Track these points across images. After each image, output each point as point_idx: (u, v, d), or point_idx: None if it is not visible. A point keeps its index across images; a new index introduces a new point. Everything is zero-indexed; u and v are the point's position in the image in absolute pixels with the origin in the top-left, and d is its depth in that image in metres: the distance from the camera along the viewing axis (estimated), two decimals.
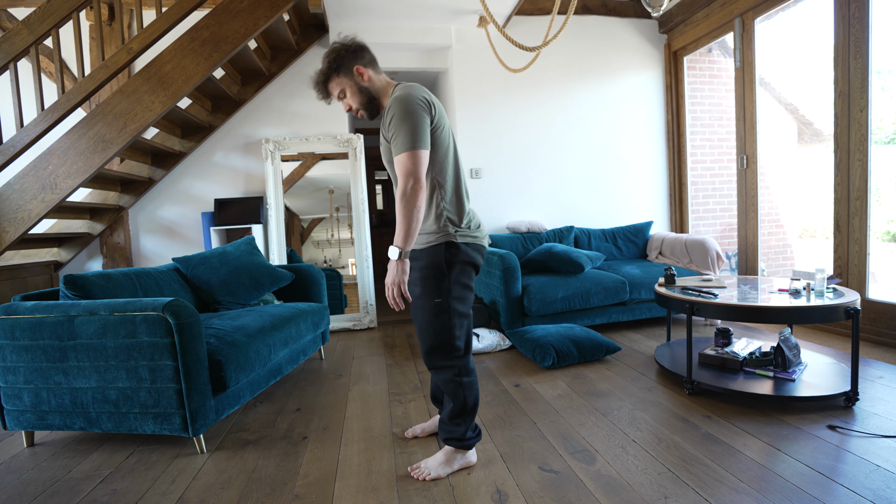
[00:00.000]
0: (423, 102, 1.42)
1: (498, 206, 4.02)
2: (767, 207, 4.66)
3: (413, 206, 1.36)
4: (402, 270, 1.41)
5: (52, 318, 1.76)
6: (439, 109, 1.48)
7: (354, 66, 1.49)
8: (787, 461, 1.54)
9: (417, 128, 1.37)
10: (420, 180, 1.37)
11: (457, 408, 1.56)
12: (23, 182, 2.68)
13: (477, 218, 1.60)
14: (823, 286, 2.02)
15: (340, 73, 1.50)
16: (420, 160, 1.37)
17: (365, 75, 1.50)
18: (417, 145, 1.37)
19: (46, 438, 2.02)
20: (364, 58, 1.52)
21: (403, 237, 1.38)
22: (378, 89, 1.53)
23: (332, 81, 1.52)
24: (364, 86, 1.51)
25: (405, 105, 1.39)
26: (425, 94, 1.46)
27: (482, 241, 1.57)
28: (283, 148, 3.66)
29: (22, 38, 2.51)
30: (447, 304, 1.50)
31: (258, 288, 2.69)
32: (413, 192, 1.36)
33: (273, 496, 1.50)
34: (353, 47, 1.50)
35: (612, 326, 3.40)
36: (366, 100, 1.52)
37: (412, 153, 1.37)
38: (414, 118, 1.38)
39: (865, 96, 2.65)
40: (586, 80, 4.13)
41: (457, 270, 1.50)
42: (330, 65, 1.50)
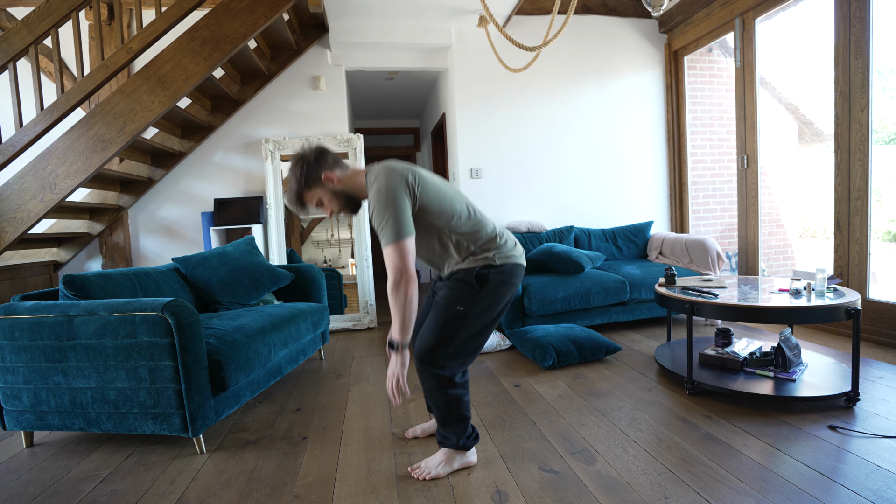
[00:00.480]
0: (398, 184, 1.40)
1: (498, 206, 4.02)
2: (768, 207, 4.66)
3: (404, 299, 1.37)
4: (402, 363, 1.42)
5: (51, 319, 1.75)
6: (417, 174, 1.46)
7: (322, 175, 1.49)
8: (788, 461, 1.54)
9: (397, 218, 1.37)
10: (408, 272, 1.37)
11: (440, 418, 1.55)
12: (22, 182, 2.67)
13: (511, 238, 1.60)
14: (824, 286, 2.02)
15: (311, 186, 1.49)
16: (405, 251, 1.37)
17: (334, 179, 1.50)
18: (400, 236, 1.37)
19: (46, 439, 2.01)
20: (328, 162, 1.50)
21: (400, 329, 1.39)
22: (352, 187, 1.52)
23: (306, 196, 1.51)
24: (337, 189, 1.51)
25: (380, 197, 1.38)
26: (399, 168, 1.44)
27: (518, 260, 1.55)
28: (282, 148, 3.65)
29: (21, 38, 2.51)
30: (465, 314, 1.47)
31: (258, 288, 2.68)
32: (403, 285, 1.37)
33: (273, 496, 1.50)
34: (313, 157, 1.49)
35: (612, 326, 3.40)
36: (343, 202, 1.53)
37: (396, 246, 1.36)
38: (392, 208, 1.37)
39: (866, 96, 2.64)
40: (586, 80, 4.13)
41: (488, 289, 1.49)
42: (298, 182, 1.49)
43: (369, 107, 6.03)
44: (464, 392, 1.54)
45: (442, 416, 1.54)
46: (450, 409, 1.52)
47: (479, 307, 1.48)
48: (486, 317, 1.51)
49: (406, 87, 5.25)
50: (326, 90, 3.81)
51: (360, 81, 4.86)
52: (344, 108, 3.85)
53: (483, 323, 1.51)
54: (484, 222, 1.55)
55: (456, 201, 1.52)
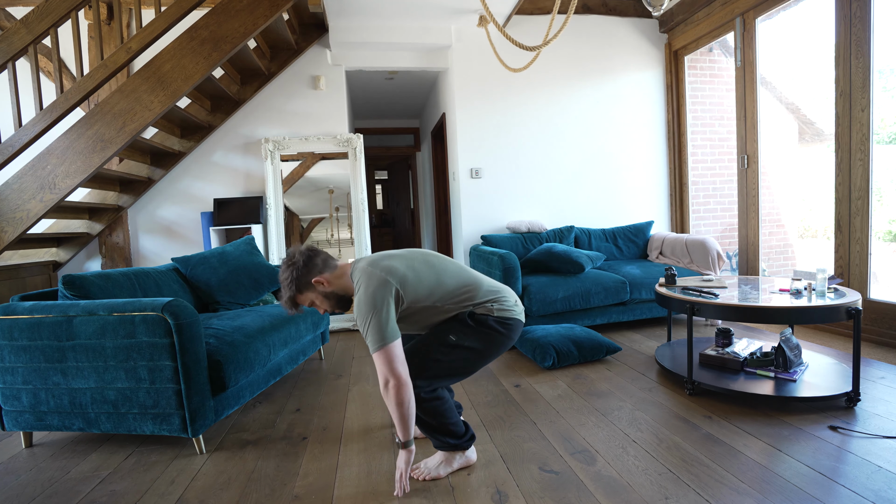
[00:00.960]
0: (377, 290, 1.41)
1: (498, 206, 4.02)
2: (768, 207, 4.65)
3: (398, 403, 1.38)
4: (406, 461, 1.46)
5: (50, 319, 1.75)
6: (396, 273, 1.46)
7: (312, 280, 1.51)
8: (788, 462, 1.53)
9: (379, 324, 1.38)
10: (396, 375, 1.38)
11: (423, 425, 1.54)
12: (21, 181, 2.67)
13: (511, 295, 1.62)
14: (825, 286, 2.01)
15: (303, 291, 1.52)
16: (391, 356, 1.38)
17: (324, 283, 1.53)
18: (384, 342, 1.38)
19: (45, 439, 2.01)
20: (317, 266, 1.52)
21: (402, 430, 1.41)
22: (343, 288, 1.55)
23: (298, 299, 1.54)
24: (328, 292, 1.54)
25: (360, 307, 1.41)
26: (377, 277, 1.43)
27: (517, 317, 1.58)
28: (282, 148, 3.65)
29: (20, 38, 2.50)
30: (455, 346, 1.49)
31: (258, 288, 2.68)
32: (395, 391, 1.38)
33: (273, 496, 1.49)
34: (301, 264, 1.51)
35: (612, 326, 3.39)
36: (334, 302, 1.56)
37: (381, 352, 1.38)
38: (374, 316, 1.39)
39: (867, 96, 2.64)
40: (587, 80, 4.12)
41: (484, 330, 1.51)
42: (289, 288, 1.51)
43: (369, 107, 6.02)
44: (439, 402, 1.52)
45: (425, 425, 1.54)
46: (429, 418, 1.52)
47: (470, 343, 1.51)
48: (472, 355, 1.53)
49: (406, 87, 5.24)
50: (326, 90, 3.80)
51: (360, 81, 4.86)
52: (344, 108, 3.84)
53: (467, 360, 1.53)
54: (479, 283, 1.57)
55: (443, 275, 1.54)
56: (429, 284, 1.50)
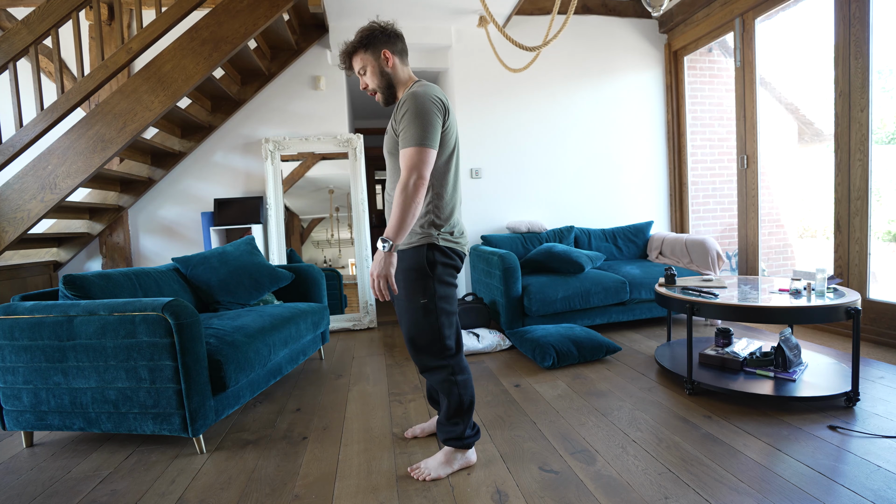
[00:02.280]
0: (438, 103, 1.43)
1: (498, 206, 4.02)
2: (768, 207, 4.66)
3: (412, 201, 1.35)
4: (390, 263, 1.38)
5: (51, 319, 1.75)
6: (452, 115, 1.50)
7: (383, 49, 1.50)
8: (788, 461, 1.54)
9: (430, 126, 1.38)
10: (424, 177, 1.37)
11: (453, 407, 1.56)
12: (22, 182, 2.67)
13: (462, 226, 1.61)
14: (824, 286, 2.02)
15: (368, 50, 1.51)
16: (427, 157, 1.38)
17: (390, 61, 1.52)
18: (427, 143, 1.37)
19: (46, 439, 2.01)
20: (396, 45, 1.53)
21: (396, 230, 1.36)
22: (398, 79, 1.54)
23: (357, 55, 1.52)
24: (386, 70, 1.52)
25: (422, 102, 1.39)
26: (441, 95, 1.47)
27: (463, 249, 1.59)
28: (282, 148, 3.65)
29: (21, 38, 2.51)
30: (433, 304, 1.50)
31: (258, 288, 2.68)
32: (415, 187, 1.36)
33: (273, 496, 1.50)
34: (388, 31, 1.52)
35: (612, 326, 3.40)
36: (384, 84, 1.53)
37: (421, 149, 1.37)
38: (428, 116, 1.38)
39: (866, 96, 2.64)
40: (586, 80, 4.13)
41: (439, 271, 1.51)
42: (360, 40, 1.51)
43: (369, 107, 6.02)
44: (470, 376, 1.59)
45: (456, 405, 1.55)
46: (463, 395, 1.54)
47: (439, 291, 1.51)
48: (447, 292, 1.54)
49: None
50: (326, 90, 3.81)
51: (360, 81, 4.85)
52: (344, 108, 3.85)
53: (448, 299, 1.54)
54: (456, 202, 1.57)
55: (453, 167, 1.54)
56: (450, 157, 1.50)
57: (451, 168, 1.53)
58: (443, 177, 1.50)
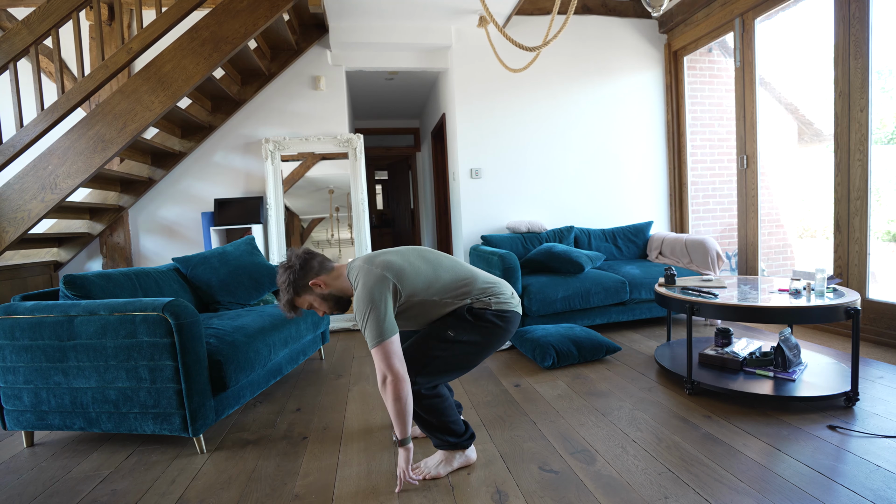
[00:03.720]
0: (375, 286, 1.42)
1: (498, 206, 4.02)
2: (767, 207, 4.66)
3: (395, 399, 1.39)
4: (406, 458, 1.46)
5: (51, 319, 1.75)
6: (395, 269, 1.47)
7: (309, 282, 1.53)
8: (788, 461, 1.54)
9: (377, 320, 1.39)
10: (394, 371, 1.38)
11: (423, 424, 1.55)
12: (23, 182, 2.67)
13: (507, 287, 1.63)
14: (823, 286, 2.02)
15: (300, 294, 1.54)
16: (388, 352, 1.39)
17: (322, 285, 1.54)
18: (384, 336, 1.39)
19: (46, 438, 2.02)
20: (313, 269, 1.54)
21: (400, 427, 1.42)
22: (339, 290, 1.56)
23: (297, 302, 1.56)
24: (325, 293, 1.55)
25: (359, 303, 1.42)
26: (375, 273, 1.44)
27: (515, 308, 1.59)
28: (283, 148, 3.66)
29: (22, 38, 2.51)
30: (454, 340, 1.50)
31: (258, 288, 2.69)
32: (392, 386, 1.38)
33: (273, 496, 1.50)
34: (298, 267, 1.52)
35: (612, 326, 3.40)
36: (332, 304, 1.58)
37: (379, 348, 1.39)
38: (372, 311, 1.40)
39: (866, 96, 2.65)
40: (586, 80, 4.13)
41: (482, 324, 1.52)
42: (287, 292, 1.54)
43: (369, 107, 6.03)
44: (439, 400, 1.53)
45: (425, 424, 1.54)
46: (429, 416, 1.52)
47: (469, 338, 1.52)
48: (472, 349, 1.53)
49: (406, 88, 5.25)
50: (326, 90, 3.81)
51: (360, 81, 4.86)
52: (344, 108, 3.85)
53: (467, 354, 1.53)
54: (475, 276, 1.59)
55: (439, 269, 1.55)
56: (425, 278, 1.51)
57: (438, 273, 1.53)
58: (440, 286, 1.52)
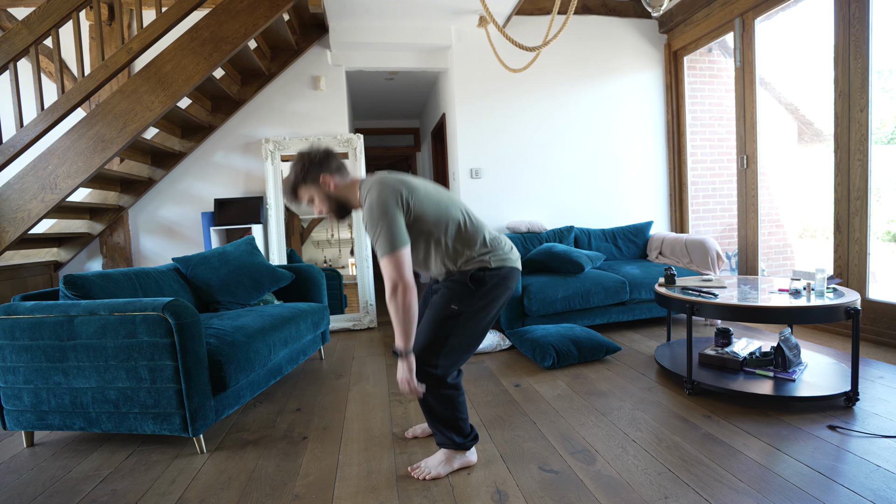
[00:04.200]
0: (389, 197, 1.42)
1: (498, 206, 4.02)
2: (767, 207, 4.66)
3: (402, 308, 1.39)
4: (409, 368, 1.44)
5: (51, 318, 1.75)
6: (409, 186, 1.48)
7: (321, 176, 1.52)
8: (788, 461, 1.54)
9: (391, 229, 1.39)
10: (404, 280, 1.39)
11: (434, 418, 1.55)
12: (23, 182, 2.68)
13: (507, 242, 1.62)
14: (823, 286, 2.02)
15: (307, 182, 1.53)
16: (400, 260, 1.39)
17: (331, 184, 1.53)
18: (395, 247, 1.38)
19: (46, 438, 2.02)
20: (330, 166, 1.54)
21: (402, 337, 1.41)
22: (346, 195, 1.56)
23: (300, 189, 1.55)
24: (331, 194, 1.54)
25: (372, 211, 1.41)
26: (393, 185, 1.45)
27: (515, 263, 1.59)
28: (283, 148, 3.66)
29: (22, 38, 2.51)
30: (460, 313, 1.49)
31: (258, 288, 2.69)
32: (401, 294, 1.38)
33: (273, 496, 1.50)
34: (318, 157, 1.53)
35: (612, 326, 3.40)
36: (334, 206, 1.56)
37: (391, 257, 1.38)
38: (384, 220, 1.39)
39: (866, 96, 2.65)
40: (586, 80, 4.13)
41: (485, 290, 1.51)
42: (297, 175, 1.53)
43: (369, 107, 6.03)
44: (457, 393, 1.54)
45: (435, 417, 1.54)
46: (442, 409, 1.52)
47: (475, 307, 1.50)
48: (482, 317, 1.53)
49: (406, 87, 5.25)
50: (326, 90, 3.81)
51: (360, 81, 4.86)
52: (344, 108, 3.85)
53: (478, 323, 1.53)
54: (480, 228, 1.58)
55: (451, 207, 1.54)
56: (437, 206, 1.50)
57: (452, 213, 1.52)
58: (448, 226, 1.51)
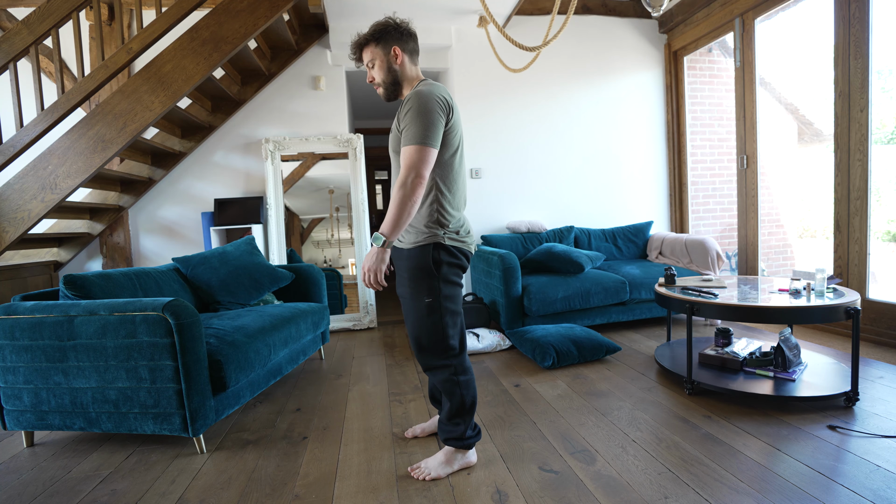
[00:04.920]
0: (442, 102, 1.43)
1: (498, 206, 4.02)
2: (767, 207, 4.66)
3: (409, 199, 1.37)
4: (381, 259, 1.41)
5: (51, 318, 1.75)
6: (456, 113, 1.50)
7: (393, 46, 1.52)
8: (788, 461, 1.54)
9: (432, 126, 1.39)
10: (422, 176, 1.38)
11: (455, 407, 1.56)
12: (23, 182, 2.67)
13: (468, 224, 1.61)
14: (823, 286, 2.02)
15: (379, 44, 1.53)
16: (427, 157, 1.38)
17: (399, 58, 1.53)
18: (428, 142, 1.38)
19: (46, 438, 2.02)
20: (407, 43, 1.55)
21: (391, 227, 1.38)
22: (405, 77, 1.56)
23: (368, 48, 1.54)
24: (394, 67, 1.54)
25: (425, 101, 1.40)
26: (446, 94, 1.47)
27: (470, 248, 1.59)
28: (283, 148, 3.66)
29: (22, 38, 2.51)
30: (438, 302, 1.51)
31: (258, 288, 2.69)
32: (413, 186, 1.36)
33: (273, 496, 1.50)
34: (401, 28, 1.54)
35: (612, 326, 3.40)
36: (390, 80, 1.55)
37: (421, 148, 1.37)
38: (430, 116, 1.39)
39: (866, 96, 2.65)
40: (586, 80, 4.13)
41: (445, 269, 1.51)
42: (373, 33, 1.53)
43: (369, 107, 6.03)
44: (473, 377, 1.60)
45: (458, 405, 1.55)
46: (465, 395, 1.55)
47: (445, 289, 1.52)
48: (452, 291, 1.54)
49: None
50: (326, 90, 3.81)
51: (360, 81, 4.86)
52: (344, 108, 3.85)
53: (453, 299, 1.54)
54: (460, 200, 1.57)
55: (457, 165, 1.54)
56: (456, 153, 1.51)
57: (455, 166, 1.53)
58: (447, 175, 1.51)
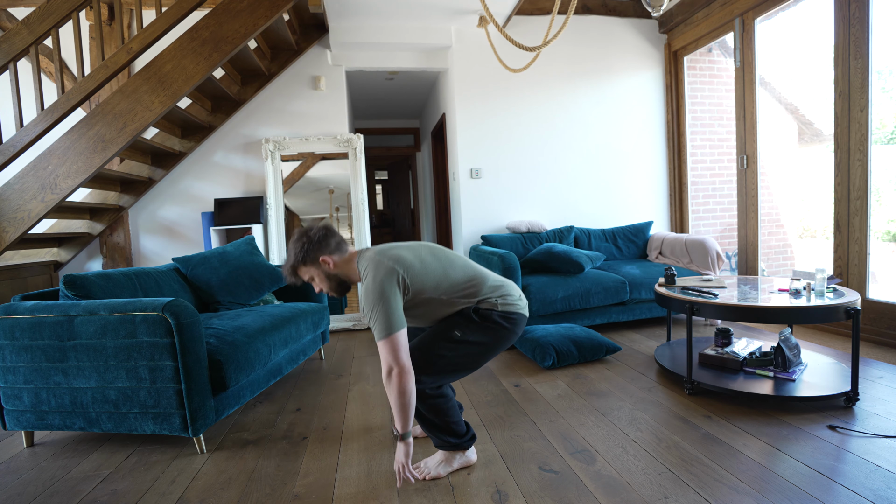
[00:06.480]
0: (385, 280, 1.41)
1: (498, 206, 4.02)
2: (767, 207, 4.66)
3: (403, 391, 1.38)
4: (405, 453, 1.44)
5: (51, 318, 1.75)
6: (405, 263, 1.47)
7: (320, 257, 1.53)
8: (788, 461, 1.54)
9: (386, 313, 1.39)
10: (400, 363, 1.38)
11: (425, 423, 1.55)
12: (23, 182, 2.67)
13: (515, 289, 1.63)
14: (823, 286, 2.02)
15: (307, 263, 1.54)
16: (396, 345, 1.39)
17: (330, 263, 1.54)
18: (392, 330, 1.39)
19: (46, 438, 2.02)
20: (329, 246, 1.54)
21: (401, 421, 1.41)
22: (345, 273, 1.57)
23: (300, 270, 1.57)
24: (331, 273, 1.55)
25: (368, 295, 1.42)
26: (386, 266, 1.44)
27: (522, 310, 1.60)
28: (283, 148, 3.66)
29: (22, 38, 2.51)
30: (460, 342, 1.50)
31: (258, 288, 2.69)
32: (398, 377, 1.38)
33: (273, 496, 1.50)
34: (316, 238, 1.53)
35: (612, 326, 3.40)
36: (335, 284, 1.58)
37: (386, 341, 1.38)
38: (381, 304, 1.39)
39: (866, 96, 2.65)
40: (586, 80, 4.13)
41: (489, 325, 1.53)
42: (296, 257, 1.54)
43: (369, 107, 6.03)
44: (443, 400, 1.53)
45: (427, 423, 1.54)
46: (432, 415, 1.52)
47: (475, 338, 1.52)
48: (477, 350, 1.53)
49: (406, 88, 5.25)
50: (326, 90, 3.81)
51: (360, 81, 4.86)
52: (344, 108, 3.85)
53: (472, 355, 1.53)
54: (484, 277, 1.59)
55: (449, 268, 1.55)
56: (435, 275, 1.51)
57: (448, 273, 1.53)
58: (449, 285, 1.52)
